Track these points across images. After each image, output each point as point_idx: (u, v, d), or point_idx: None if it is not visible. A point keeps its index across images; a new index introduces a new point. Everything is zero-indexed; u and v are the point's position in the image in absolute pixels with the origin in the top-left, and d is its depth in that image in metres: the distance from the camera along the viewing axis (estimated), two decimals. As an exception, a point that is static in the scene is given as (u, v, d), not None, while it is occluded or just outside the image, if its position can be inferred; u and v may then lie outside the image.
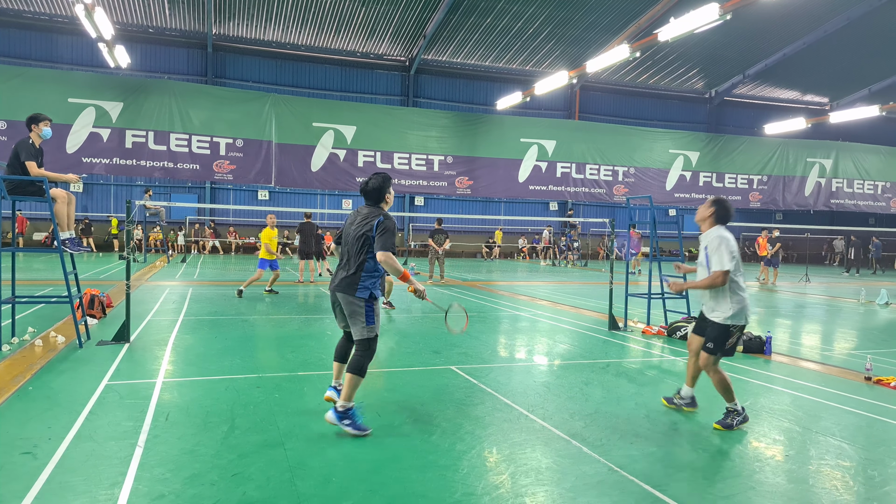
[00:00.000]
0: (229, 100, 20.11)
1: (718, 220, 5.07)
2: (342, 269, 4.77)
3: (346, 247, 4.79)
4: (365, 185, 4.84)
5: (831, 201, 26.70)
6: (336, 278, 4.78)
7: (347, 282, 4.65)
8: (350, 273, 4.65)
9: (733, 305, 4.82)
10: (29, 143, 6.94)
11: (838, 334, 10.49)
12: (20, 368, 6.05)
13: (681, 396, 5.34)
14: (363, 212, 4.78)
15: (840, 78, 34.18)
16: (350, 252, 4.72)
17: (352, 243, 4.71)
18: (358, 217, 4.78)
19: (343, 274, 4.71)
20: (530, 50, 31.25)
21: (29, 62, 25.77)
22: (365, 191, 4.83)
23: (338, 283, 4.72)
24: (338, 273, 4.79)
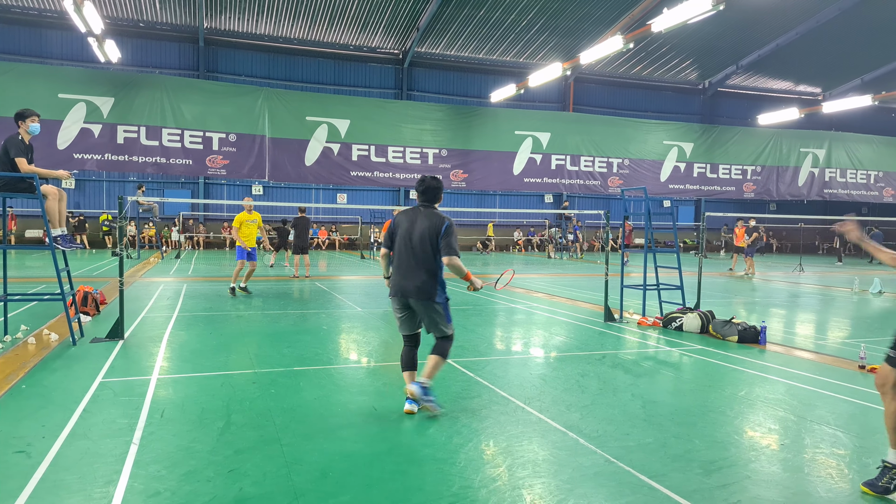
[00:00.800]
0: (222, 94, 19.97)
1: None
2: (409, 273, 4.74)
3: (408, 250, 4.76)
4: (422, 184, 4.88)
5: (824, 191, 26.77)
6: (403, 283, 4.75)
7: (424, 288, 4.72)
8: (424, 279, 4.72)
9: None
10: (18, 140, 6.87)
11: (832, 323, 10.54)
12: (13, 366, 6.01)
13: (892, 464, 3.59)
14: (424, 213, 4.82)
15: (833, 68, 34.24)
16: (411, 257, 4.75)
17: (419, 247, 4.73)
18: (418, 218, 4.79)
19: (414, 279, 4.72)
20: (524, 42, 31.16)
21: (18, 57, 25.54)
22: (423, 189, 4.87)
23: (411, 290, 4.73)
24: (404, 277, 4.75)
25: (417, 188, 4.91)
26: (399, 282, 4.79)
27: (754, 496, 3.48)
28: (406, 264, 4.77)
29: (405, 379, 4.93)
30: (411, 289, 4.73)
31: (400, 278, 4.79)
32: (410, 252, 4.76)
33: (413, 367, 4.93)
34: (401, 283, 4.78)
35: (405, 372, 4.95)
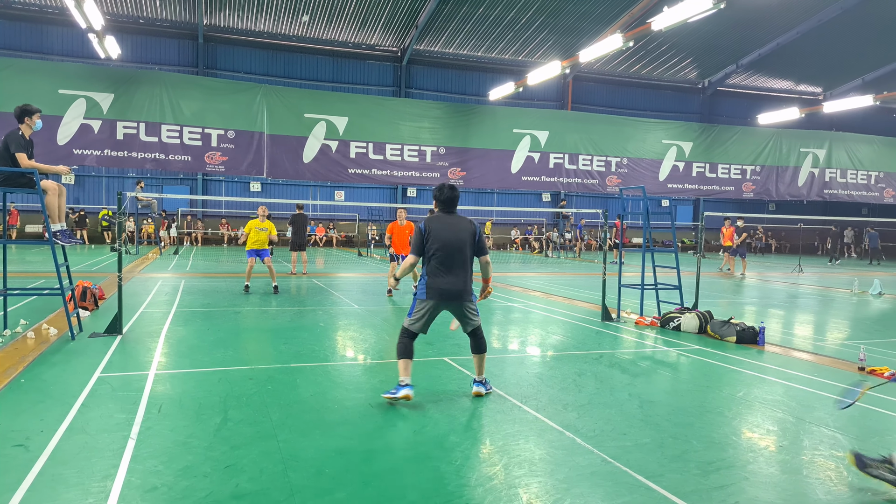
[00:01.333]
0: (221, 91, 19.94)
1: None
2: (451, 276, 4.99)
3: (448, 254, 4.99)
4: (448, 193, 5.15)
5: (824, 191, 26.78)
6: (446, 287, 4.98)
7: (464, 290, 5.05)
8: (464, 281, 5.04)
9: None
10: (19, 135, 6.86)
11: (831, 324, 10.55)
12: (12, 361, 6.01)
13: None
14: (455, 219, 5.13)
15: (834, 67, 34.24)
16: (456, 260, 5.02)
17: (458, 251, 5.02)
18: (455, 225, 5.08)
19: (455, 282, 5.00)
20: (523, 40, 31.14)
21: (19, 53, 25.50)
22: (449, 198, 5.16)
23: (455, 293, 5.01)
24: (446, 280, 4.98)
25: (442, 196, 5.15)
26: (445, 286, 5.00)
27: (752, 497, 3.48)
28: (454, 267, 5.01)
29: (403, 368, 5.01)
30: (458, 291, 5.02)
31: (447, 282, 5.00)
32: (459, 255, 5.02)
33: (411, 357, 5.10)
34: (448, 286, 5.01)
35: (405, 360, 5.05)
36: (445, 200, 5.17)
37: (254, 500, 3.25)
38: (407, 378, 4.98)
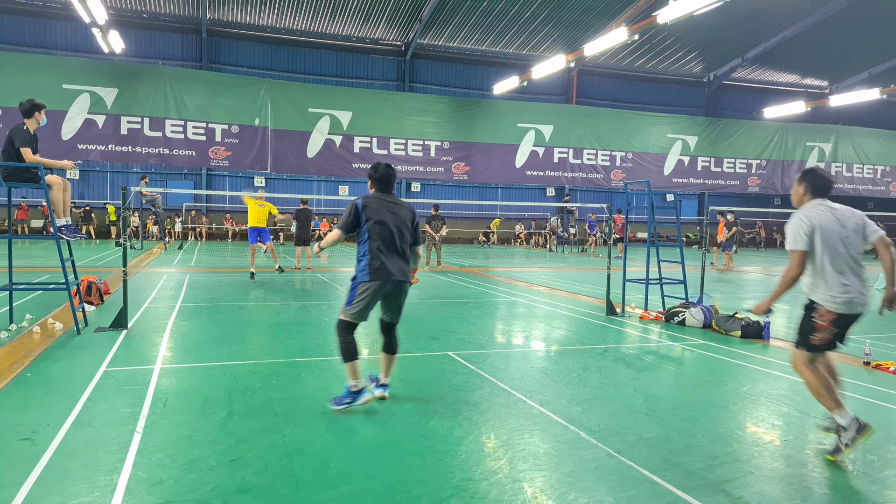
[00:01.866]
0: (224, 85, 19.97)
1: (814, 193, 4.20)
2: (395, 256, 4.69)
3: (391, 235, 4.69)
4: (384, 171, 4.84)
5: (830, 186, 26.65)
6: (393, 268, 4.66)
7: (407, 269, 4.79)
8: (406, 260, 4.80)
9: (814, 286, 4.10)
10: (24, 130, 6.87)
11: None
12: (18, 355, 6.04)
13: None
14: (395, 200, 4.86)
15: (840, 61, 34.04)
16: (401, 240, 4.75)
17: (400, 233, 4.74)
18: (396, 206, 4.82)
19: (400, 262, 4.73)
20: (527, 33, 31.03)
21: (23, 48, 25.53)
22: (384, 176, 4.84)
23: (402, 272, 4.72)
24: (392, 261, 4.66)
25: (377, 174, 4.82)
26: (393, 267, 4.67)
27: (757, 492, 3.48)
28: (398, 248, 4.73)
29: (353, 371, 4.59)
30: (400, 271, 4.70)
31: (394, 263, 4.68)
32: (401, 237, 4.74)
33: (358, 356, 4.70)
34: (396, 268, 4.68)
35: (354, 362, 4.62)
36: (381, 179, 4.83)
37: (259, 494, 3.27)
38: (358, 381, 4.59)
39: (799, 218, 4.08)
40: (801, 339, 4.14)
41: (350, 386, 4.58)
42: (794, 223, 4.07)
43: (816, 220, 4.02)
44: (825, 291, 4.02)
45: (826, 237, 3.99)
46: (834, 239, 4.00)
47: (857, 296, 4.03)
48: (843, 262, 4.03)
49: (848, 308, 4.03)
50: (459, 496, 3.31)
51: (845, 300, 4.00)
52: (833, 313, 4.00)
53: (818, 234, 3.99)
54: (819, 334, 4.04)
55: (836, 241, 4.00)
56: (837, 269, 4.00)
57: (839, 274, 4.00)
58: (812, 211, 4.09)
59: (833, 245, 4.00)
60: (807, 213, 4.09)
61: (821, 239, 3.99)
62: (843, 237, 4.03)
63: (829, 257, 4.00)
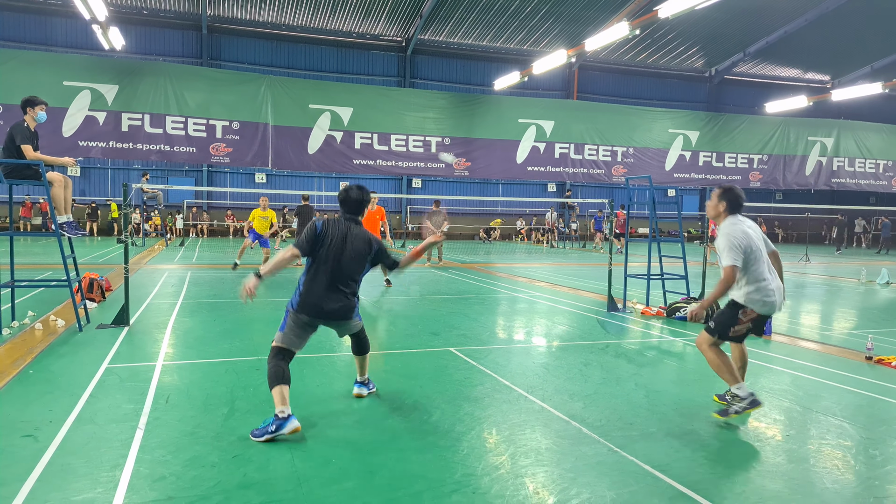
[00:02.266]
0: (225, 82, 19.91)
1: (730, 210, 4.69)
2: (334, 290, 4.29)
3: (339, 266, 4.29)
4: (356, 195, 4.45)
5: (832, 180, 26.59)
6: (328, 304, 4.27)
7: (349, 307, 4.39)
8: (349, 297, 4.38)
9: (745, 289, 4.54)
10: (24, 126, 6.87)
11: (839, 314, 10.51)
12: (20, 352, 6.04)
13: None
14: (353, 230, 4.40)
15: (842, 55, 33.90)
16: (347, 272, 4.34)
17: (350, 266, 4.33)
18: (349, 235, 4.35)
19: (338, 298, 4.31)
20: (528, 29, 30.94)
21: (23, 45, 25.50)
22: (356, 201, 4.45)
23: (336, 310, 4.31)
24: (328, 296, 4.27)
25: (345, 197, 4.45)
26: (328, 304, 4.28)
27: (759, 486, 3.48)
28: (334, 284, 4.29)
29: (281, 398, 4.05)
30: (336, 307, 4.32)
31: (330, 299, 4.29)
32: (345, 271, 4.32)
33: (288, 381, 4.19)
34: (331, 305, 4.29)
35: (282, 386, 4.11)
36: (347, 202, 4.44)
37: (261, 490, 3.27)
38: (286, 408, 4.00)
39: (731, 235, 4.51)
40: (721, 329, 4.61)
41: (277, 413, 3.99)
42: (727, 240, 4.49)
43: (743, 236, 4.50)
44: (756, 296, 4.51)
45: (753, 249, 4.49)
46: (757, 249, 4.52)
47: (778, 299, 4.57)
48: (767, 269, 4.55)
49: (769, 310, 4.57)
50: (461, 492, 3.32)
51: (770, 303, 4.53)
52: (756, 314, 4.54)
53: (749, 248, 4.47)
54: (738, 328, 4.59)
55: (759, 251, 4.52)
56: (763, 276, 4.52)
57: (764, 280, 4.51)
58: (736, 227, 4.57)
59: (758, 255, 4.51)
60: (733, 230, 4.55)
61: (752, 251, 4.48)
62: (760, 247, 4.56)
63: (756, 266, 4.51)
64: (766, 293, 4.49)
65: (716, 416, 4.59)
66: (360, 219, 4.54)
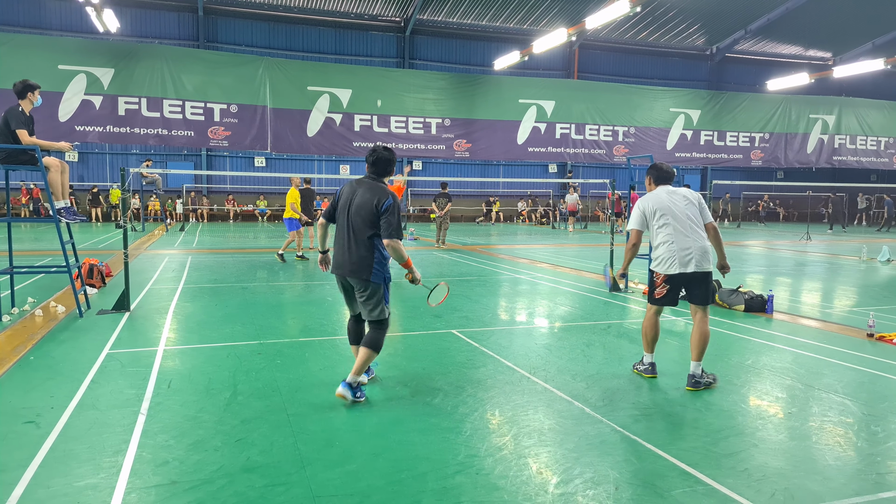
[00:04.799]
0: (222, 64, 19.72)
1: (657, 182, 5.22)
2: (342, 249, 4.40)
3: (345, 224, 4.40)
4: (374, 154, 4.49)
5: (834, 158, 26.44)
6: (339, 260, 4.43)
7: (360, 265, 4.33)
8: (362, 255, 4.33)
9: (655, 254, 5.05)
10: (19, 111, 6.79)
11: (840, 292, 10.49)
12: (21, 339, 6.04)
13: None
14: (366, 184, 4.42)
15: (843, 32, 33.52)
16: (350, 232, 4.37)
17: (353, 223, 4.35)
18: (360, 190, 4.39)
19: (346, 256, 4.37)
20: (528, 7, 30.57)
21: (17, 28, 25.22)
22: (374, 160, 4.47)
23: (345, 267, 4.38)
24: (339, 254, 4.43)
25: (368, 158, 4.52)
26: (336, 258, 4.48)
27: (761, 464, 3.47)
28: (342, 241, 4.41)
29: (354, 353, 4.57)
30: (346, 265, 4.37)
31: (339, 255, 4.45)
32: (349, 229, 4.37)
33: (359, 341, 4.54)
34: (337, 259, 4.46)
35: (353, 346, 4.67)
36: (374, 162, 4.50)
37: (265, 473, 3.27)
38: (339, 390, 4.37)
39: (638, 203, 5.12)
40: (649, 294, 5.19)
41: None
42: (634, 208, 5.14)
43: (648, 203, 5.04)
44: (657, 257, 5.00)
45: (656, 214, 4.98)
46: (666, 216, 4.94)
47: (680, 258, 4.85)
48: (676, 232, 4.88)
49: (670, 270, 4.89)
50: (465, 472, 3.32)
51: (670, 263, 4.89)
52: (663, 275, 4.96)
53: (653, 214, 5.00)
54: (657, 290, 5.03)
55: (669, 216, 4.92)
56: (667, 240, 4.92)
57: (666, 243, 4.91)
58: (645, 196, 5.14)
59: (666, 220, 4.93)
60: (642, 199, 5.14)
61: (656, 216, 4.98)
62: (676, 213, 4.93)
63: (661, 231, 4.96)
64: (666, 254, 4.87)
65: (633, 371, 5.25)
66: (384, 179, 4.53)
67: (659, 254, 4.95)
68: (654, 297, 5.06)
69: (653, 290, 5.08)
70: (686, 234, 4.85)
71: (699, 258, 4.81)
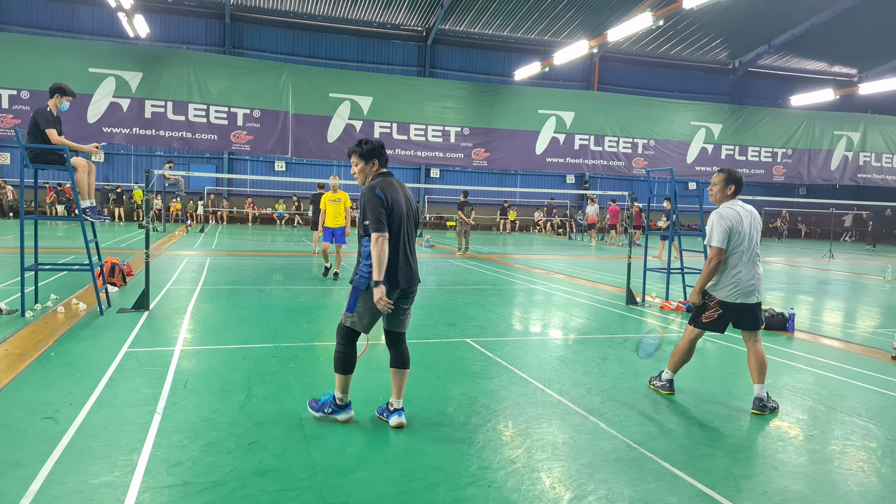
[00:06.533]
0: (247, 70, 20.01)
1: (736, 192, 4.84)
2: (410, 258, 4.00)
3: (406, 230, 3.97)
4: (379, 147, 4.07)
5: (858, 175, 26.07)
6: (407, 272, 3.97)
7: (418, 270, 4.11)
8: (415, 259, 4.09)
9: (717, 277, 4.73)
10: (47, 111, 6.94)
11: (863, 312, 10.30)
12: (42, 334, 6.13)
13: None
14: (398, 181, 4.10)
15: (870, 48, 33.10)
16: (412, 234, 4.05)
17: (412, 224, 4.05)
18: (401, 189, 4.03)
19: (414, 265, 4.05)
20: (549, 19, 30.61)
21: (51, 32, 25.80)
22: (384, 153, 4.09)
23: (416, 276, 4.07)
24: (405, 266, 3.96)
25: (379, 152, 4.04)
26: (409, 270, 4.00)
27: (781, 487, 3.41)
28: (405, 244, 3.98)
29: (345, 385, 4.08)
30: (416, 275, 4.08)
31: (409, 266, 4.01)
32: (408, 231, 4.01)
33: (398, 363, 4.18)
34: (411, 270, 4.02)
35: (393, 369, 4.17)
36: (385, 153, 4.12)
37: (277, 477, 3.27)
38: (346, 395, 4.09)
39: (723, 216, 4.73)
40: (694, 315, 4.90)
41: (337, 397, 4.07)
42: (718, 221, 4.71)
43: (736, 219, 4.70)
44: (719, 282, 4.76)
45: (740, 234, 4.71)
46: (742, 237, 4.70)
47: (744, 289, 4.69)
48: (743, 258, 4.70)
49: (732, 298, 4.70)
50: (476, 485, 3.29)
51: (734, 292, 4.70)
52: (718, 300, 4.74)
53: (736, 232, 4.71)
54: (708, 313, 4.79)
55: (744, 238, 4.72)
56: (734, 265, 4.71)
57: (734, 268, 4.70)
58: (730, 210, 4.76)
59: (740, 242, 4.69)
60: (726, 212, 4.76)
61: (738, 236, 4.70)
62: (749, 235, 4.75)
63: (734, 253, 4.70)
64: (731, 281, 4.62)
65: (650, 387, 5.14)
66: None
67: (724, 278, 4.63)
68: (701, 321, 4.76)
69: (701, 311, 4.76)
70: (754, 262, 4.66)
71: (760, 287, 4.67)
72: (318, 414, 4.09)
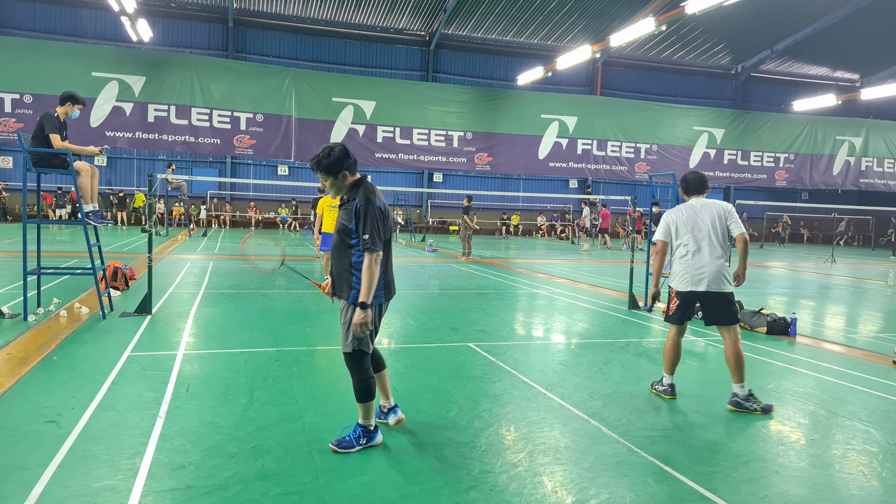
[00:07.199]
0: (250, 74, 20.08)
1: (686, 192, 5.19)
2: (391, 270, 3.93)
3: (389, 240, 3.90)
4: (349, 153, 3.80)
5: (860, 181, 26.05)
6: (392, 282, 3.93)
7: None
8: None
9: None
10: (54, 116, 6.97)
11: (865, 316, 10.28)
12: (45, 338, 6.15)
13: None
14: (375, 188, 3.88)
15: (872, 53, 33.09)
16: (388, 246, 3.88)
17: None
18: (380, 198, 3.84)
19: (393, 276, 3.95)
20: (552, 24, 30.67)
21: (54, 36, 25.90)
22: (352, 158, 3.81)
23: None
24: (391, 277, 3.91)
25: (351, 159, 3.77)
26: (390, 282, 3.92)
27: (782, 491, 3.40)
28: (389, 259, 3.91)
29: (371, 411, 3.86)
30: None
31: (390, 278, 3.92)
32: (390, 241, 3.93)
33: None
34: (391, 282, 3.93)
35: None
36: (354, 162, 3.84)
37: (279, 481, 3.28)
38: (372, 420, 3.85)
39: (665, 215, 5.18)
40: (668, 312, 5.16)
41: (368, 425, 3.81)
42: (661, 220, 5.18)
43: (674, 215, 5.07)
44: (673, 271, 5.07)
45: (680, 228, 5.05)
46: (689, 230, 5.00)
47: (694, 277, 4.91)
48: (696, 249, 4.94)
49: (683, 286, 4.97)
50: (478, 488, 3.30)
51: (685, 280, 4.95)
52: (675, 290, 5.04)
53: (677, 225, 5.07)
54: (671, 305, 5.08)
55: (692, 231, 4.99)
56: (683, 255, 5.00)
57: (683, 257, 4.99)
58: (673, 208, 5.17)
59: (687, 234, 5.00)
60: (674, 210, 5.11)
61: (679, 230, 5.04)
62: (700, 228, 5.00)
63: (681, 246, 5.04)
64: (680, 270, 4.91)
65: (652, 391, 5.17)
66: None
67: (674, 269, 5.00)
68: (668, 314, 5.10)
69: (668, 304, 5.13)
70: (703, 253, 4.86)
71: (712, 278, 4.81)
72: (357, 449, 3.71)
